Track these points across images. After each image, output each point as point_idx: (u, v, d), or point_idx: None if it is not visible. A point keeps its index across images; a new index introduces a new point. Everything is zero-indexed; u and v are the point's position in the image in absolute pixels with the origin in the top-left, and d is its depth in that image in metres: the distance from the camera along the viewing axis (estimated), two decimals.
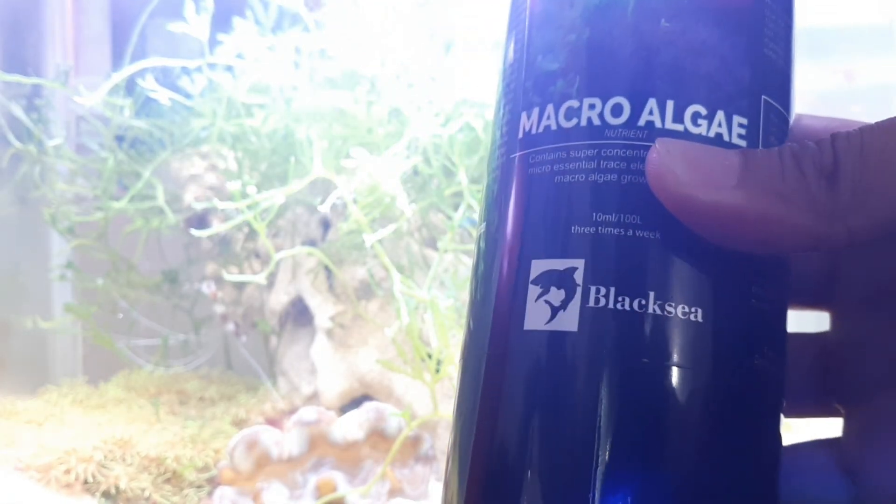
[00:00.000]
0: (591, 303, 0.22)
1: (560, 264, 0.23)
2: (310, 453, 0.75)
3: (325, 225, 0.94)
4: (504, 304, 0.24)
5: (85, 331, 0.97)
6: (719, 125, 0.23)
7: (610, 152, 0.23)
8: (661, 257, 0.22)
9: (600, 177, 0.23)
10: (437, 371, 0.76)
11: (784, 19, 0.25)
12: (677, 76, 0.23)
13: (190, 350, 0.96)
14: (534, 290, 0.23)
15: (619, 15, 0.24)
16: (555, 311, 0.23)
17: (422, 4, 0.88)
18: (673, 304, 0.22)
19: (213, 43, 0.82)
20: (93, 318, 0.91)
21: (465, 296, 0.84)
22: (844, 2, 1.05)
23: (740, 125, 0.23)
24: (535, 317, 0.23)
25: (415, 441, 0.77)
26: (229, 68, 0.85)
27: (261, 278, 0.79)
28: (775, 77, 0.24)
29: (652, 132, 0.23)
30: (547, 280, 0.23)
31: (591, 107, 0.23)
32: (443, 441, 0.82)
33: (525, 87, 0.25)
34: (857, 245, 0.22)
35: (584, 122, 0.23)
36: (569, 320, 0.22)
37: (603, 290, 0.22)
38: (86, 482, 0.72)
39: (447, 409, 0.79)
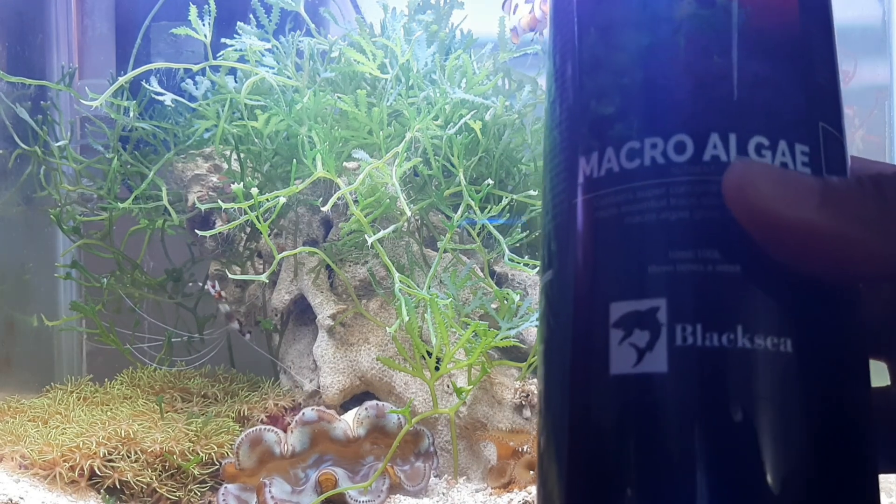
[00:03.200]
0: (679, 341, 0.22)
1: (641, 305, 0.23)
2: (311, 450, 0.76)
3: (327, 225, 0.95)
4: (585, 351, 0.24)
5: (90, 329, 0.98)
6: (783, 154, 0.23)
7: (678, 189, 0.23)
8: (745, 290, 0.22)
9: (671, 214, 0.23)
10: (437, 368, 0.77)
11: (828, 46, 0.25)
12: (736, 109, 0.23)
13: (194, 348, 0.97)
14: (616, 334, 0.23)
15: (671, 55, 0.24)
16: (641, 353, 0.22)
17: (422, 6, 0.89)
18: (762, 337, 0.22)
19: (217, 46, 0.84)
20: (98, 316, 0.92)
21: (464, 295, 0.85)
22: (837, 4, 1.06)
23: (803, 153, 0.23)
24: (622, 361, 0.23)
25: (415, 437, 0.78)
26: (232, 71, 0.86)
27: (263, 277, 0.80)
28: (829, 103, 0.24)
29: (718, 166, 0.23)
30: (629, 322, 0.23)
31: (654, 146, 0.23)
32: (442, 437, 0.83)
33: (581, 132, 0.25)
34: None
35: (647, 162, 0.23)
36: (658, 361, 0.22)
37: (689, 328, 0.22)
38: (91, 478, 0.73)
39: (446, 406, 0.81)
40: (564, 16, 0.27)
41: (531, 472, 0.75)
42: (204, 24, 0.80)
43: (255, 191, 0.74)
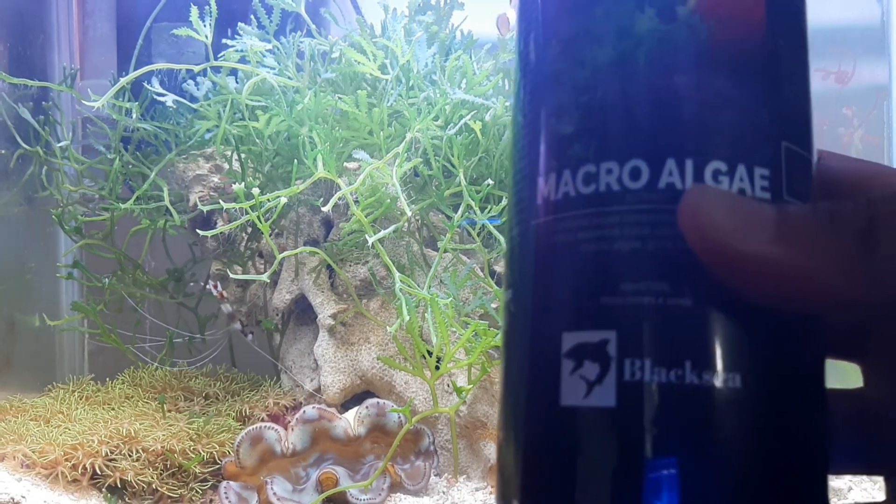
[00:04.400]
0: (627, 376, 0.21)
1: (592, 336, 0.22)
2: (312, 448, 0.76)
3: (328, 225, 0.95)
4: (538, 378, 0.23)
5: (91, 329, 0.98)
6: (741, 180, 0.22)
7: (632, 218, 0.22)
8: (695, 324, 0.21)
9: (624, 244, 0.22)
10: (437, 368, 0.78)
11: (799, 55, 0.24)
12: (694, 133, 0.22)
13: (195, 349, 0.98)
14: (567, 364, 0.22)
15: (631, 72, 0.23)
16: (591, 385, 0.22)
17: (422, 7, 0.89)
18: (711, 373, 0.21)
19: (218, 47, 0.84)
20: (99, 316, 0.93)
21: (464, 294, 0.86)
22: (837, 4, 1.06)
23: (762, 177, 0.22)
24: (572, 392, 0.22)
25: (415, 436, 0.79)
26: (233, 72, 0.86)
27: (265, 277, 0.80)
28: (794, 120, 0.24)
29: (672, 194, 0.22)
30: (579, 353, 0.22)
31: (609, 171, 0.23)
32: (442, 436, 0.83)
33: (540, 150, 0.24)
34: (887, 310, 0.21)
35: (602, 188, 0.23)
36: (606, 395, 0.22)
37: (638, 363, 0.21)
38: (93, 477, 0.73)
39: (447, 405, 0.81)
40: (529, 22, 0.26)
41: None
42: (205, 25, 0.81)
43: (256, 191, 0.75)
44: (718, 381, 0.21)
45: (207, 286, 0.94)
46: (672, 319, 0.22)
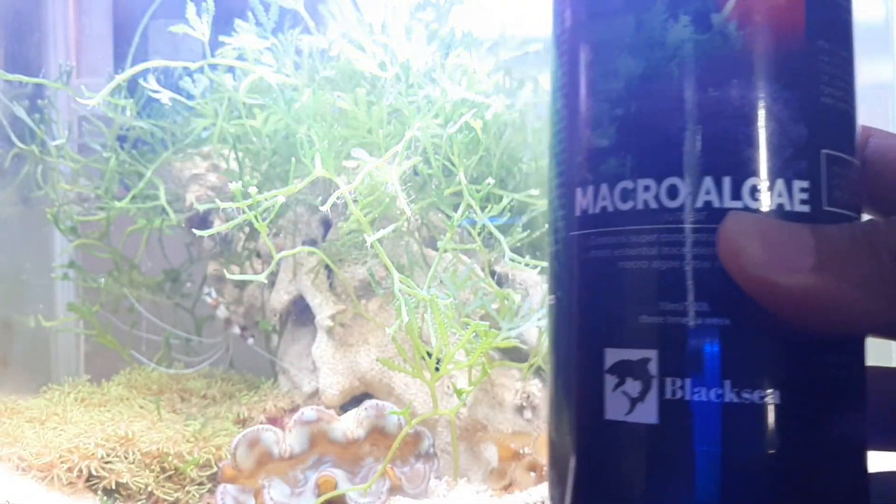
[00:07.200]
0: (668, 394, 0.22)
1: (633, 354, 0.23)
2: (310, 451, 0.75)
3: (326, 224, 0.94)
4: (583, 390, 0.24)
5: (87, 329, 0.97)
6: (779, 195, 0.22)
7: (670, 237, 0.22)
8: (734, 344, 0.22)
9: (663, 263, 0.22)
10: (437, 369, 0.77)
11: (841, 53, 0.24)
12: (731, 149, 0.22)
13: (193, 350, 0.97)
14: (610, 380, 0.23)
15: (665, 85, 0.22)
16: (633, 402, 0.23)
17: (422, 4, 0.89)
18: (750, 391, 0.22)
19: (215, 44, 0.83)
20: (95, 316, 0.92)
21: (464, 295, 0.85)
22: None
23: (802, 189, 0.22)
24: (615, 407, 0.23)
25: (415, 439, 0.78)
26: (231, 69, 0.86)
27: (262, 277, 0.79)
28: (835, 124, 0.23)
29: (711, 213, 0.22)
30: (622, 370, 0.23)
31: (646, 188, 0.23)
32: (442, 439, 0.82)
33: (577, 160, 0.24)
34: None
35: (640, 206, 0.23)
36: (648, 412, 0.22)
37: (678, 382, 0.22)
38: (88, 480, 0.72)
39: (446, 407, 0.80)
40: (563, 20, 0.25)
41: (532, 474, 0.74)
42: (202, 23, 0.80)
43: (253, 190, 0.74)
44: (757, 399, 0.22)
45: (205, 294, 0.93)
46: (712, 339, 0.22)
